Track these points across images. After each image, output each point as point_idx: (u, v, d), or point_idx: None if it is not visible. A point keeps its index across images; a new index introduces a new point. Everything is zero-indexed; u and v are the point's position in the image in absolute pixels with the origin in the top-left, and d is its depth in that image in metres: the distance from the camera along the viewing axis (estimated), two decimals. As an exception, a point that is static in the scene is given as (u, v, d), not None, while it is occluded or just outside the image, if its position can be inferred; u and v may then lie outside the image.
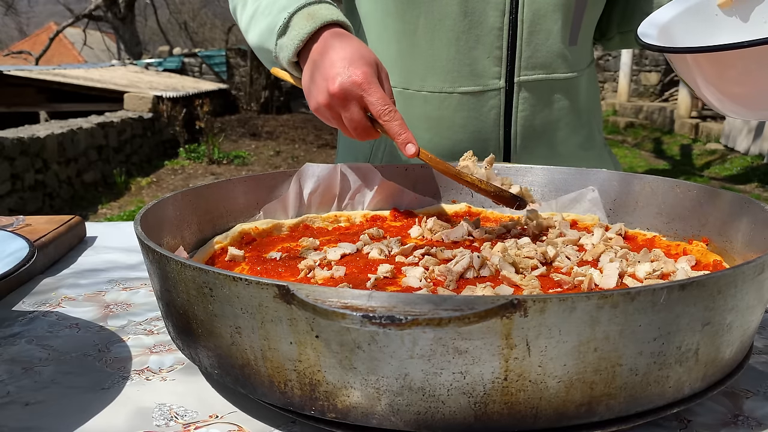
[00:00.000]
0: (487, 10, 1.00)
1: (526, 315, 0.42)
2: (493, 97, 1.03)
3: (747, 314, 0.51)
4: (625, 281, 0.64)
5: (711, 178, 6.84)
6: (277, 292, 0.46)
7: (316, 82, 0.84)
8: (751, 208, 0.68)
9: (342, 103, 0.81)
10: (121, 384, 0.60)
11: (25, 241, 0.68)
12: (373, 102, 0.80)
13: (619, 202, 0.86)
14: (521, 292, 0.62)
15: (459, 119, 1.05)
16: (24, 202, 5.57)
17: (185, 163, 8.08)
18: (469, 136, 1.05)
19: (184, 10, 24.93)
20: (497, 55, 1.01)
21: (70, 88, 9.25)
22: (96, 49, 23.03)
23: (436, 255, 0.73)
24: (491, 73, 1.02)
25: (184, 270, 0.52)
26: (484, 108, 1.04)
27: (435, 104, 1.05)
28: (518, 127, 1.05)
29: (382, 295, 0.43)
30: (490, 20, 1.00)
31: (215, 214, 0.83)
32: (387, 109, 0.79)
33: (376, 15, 1.06)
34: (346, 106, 0.81)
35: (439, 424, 0.46)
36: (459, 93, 1.03)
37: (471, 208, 0.93)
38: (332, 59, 0.82)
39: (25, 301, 0.81)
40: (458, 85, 1.03)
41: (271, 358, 0.49)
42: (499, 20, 1.00)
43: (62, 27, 16.35)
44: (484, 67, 1.02)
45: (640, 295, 0.44)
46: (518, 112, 1.04)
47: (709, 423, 0.53)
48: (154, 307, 0.79)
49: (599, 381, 0.46)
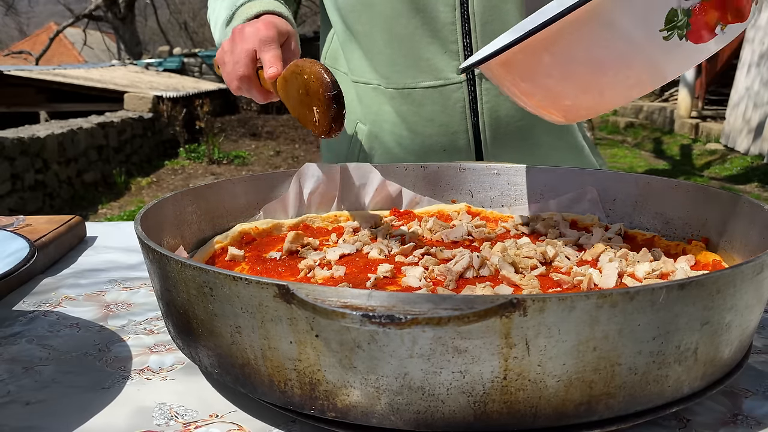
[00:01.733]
0: (437, 6, 1.00)
1: (526, 314, 0.43)
2: (456, 90, 1.04)
3: (746, 314, 0.51)
4: (625, 281, 0.65)
5: (711, 178, 6.84)
6: (277, 291, 0.46)
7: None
8: (751, 208, 0.68)
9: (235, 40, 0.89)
10: (122, 383, 0.60)
11: (26, 241, 0.68)
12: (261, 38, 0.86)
13: (619, 202, 0.86)
14: (521, 291, 0.62)
15: (426, 113, 1.07)
16: (24, 202, 5.57)
17: (185, 163, 8.08)
18: (438, 129, 1.07)
19: (184, 10, 24.93)
20: (454, 50, 1.02)
21: (70, 88, 9.25)
22: (96, 49, 23.03)
23: (436, 255, 0.73)
24: (450, 67, 1.03)
25: (184, 270, 0.52)
26: (449, 101, 1.05)
27: (400, 100, 1.07)
28: (485, 118, 1.06)
29: (382, 294, 0.43)
30: (441, 16, 1.01)
31: (215, 214, 0.83)
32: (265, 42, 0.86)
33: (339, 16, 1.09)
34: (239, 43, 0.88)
35: (438, 423, 0.46)
36: (421, 88, 1.05)
37: (471, 208, 0.93)
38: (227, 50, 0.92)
39: (25, 301, 0.81)
40: (420, 80, 1.05)
41: (271, 357, 0.49)
42: (451, 15, 1.00)
43: (62, 27, 16.36)
44: (442, 62, 1.03)
45: (639, 295, 0.44)
46: (483, 103, 1.05)
47: (709, 422, 0.53)
48: (154, 307, 0.79)
49: (598, 380, 0.46)
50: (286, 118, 10.95)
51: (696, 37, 0.60)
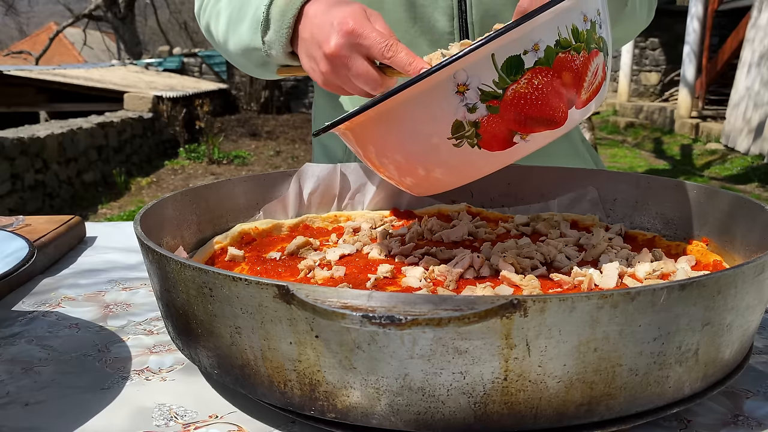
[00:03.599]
0: (435, 16, 0.99)
1: (526, 315, 0.42)
2: None
3: (747, 314, 0.51)
4: (625, 281, 0.64)
5: (711, 178, 6.84)
6: (277, 292, 0.46)
7: (312, 56, 0.77)
8: (751, 208, 0.68)
9: (343, 61, 0.72)
10: (121, 384, 0.60)
11: (25, 241, 0.68)
12: (369, 44, 0.70)
13: (620, 202, 0.86)
14: (521, 292, 0.62)
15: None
16: (24, 202, 5.57)
17: (185, 163, 8.08)
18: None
19: (184, 10, 24.92)
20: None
21: (70, 88, 9.25)
22: (96, 49, 23.04)
23: (436, 255, 0.73)
24: None
25: (184, 270, 0.52)
26: None
27: None
28: None
29: (382, 295, 0.43)
30: (439, 25, 0.99)
31: (215, 214, 0.83)
32: (387, 45, 0.69)
33: None
34: (348, 62, 0.72)
35: (438, 424, 0.46)
36: None
37: (471, 208, 0.93)
38: (318, 25, 0.76)
39: (24, 301, 0.81)
40: None
41: (271, 358, 0.49)
42: (449, 25, 0.99)
43: (62, 27, 16.36)
44: None
45: (640, 295, 0.44)
46: None
47: (709, 423, 0.53)
48: (153, 307, 0.79)
49: (599, 381, 0.46)
50: (286, 118, 10.95)
51: (490, 146, 0.58)
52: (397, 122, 0.59)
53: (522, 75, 0.56)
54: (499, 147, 0.59)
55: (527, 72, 0.56)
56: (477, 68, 0.55)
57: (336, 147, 1.17)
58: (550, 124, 0.59)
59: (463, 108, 0.57)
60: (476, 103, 0.56)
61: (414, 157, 0.62)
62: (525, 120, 0.57)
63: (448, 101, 0.56)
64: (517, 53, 0.56)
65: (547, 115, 0.58)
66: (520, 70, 0.56)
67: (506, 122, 0.57)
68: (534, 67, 0.56)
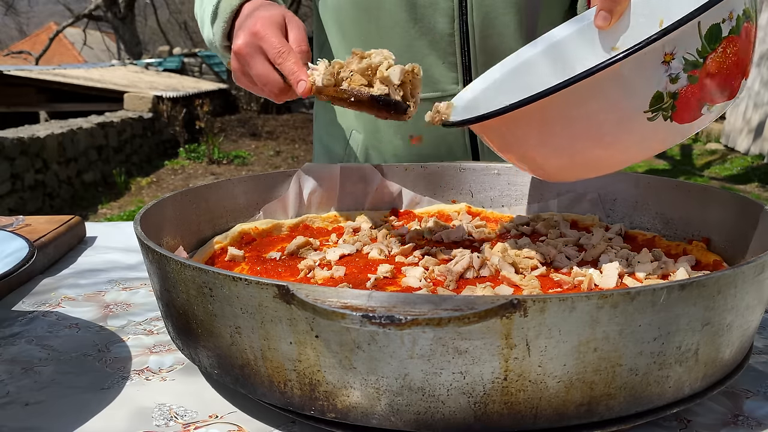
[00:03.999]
0: (435, 17, 0.99)
1: (526, 315, 0.42)
2: None
3: (747, 314, 0.51)
4: (625, 281, 0.64)
5: (711, 178, 6.84)
6: (277, 292, 0.46)
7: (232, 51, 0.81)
8: (751, 207, 0.68)
9: (246, 59, 0.77)
10: (121, 384, 0.60)
11: (25, 241, 0.68)
12: (266, 48, 0.75)
13: (620, 202, 0.86)
14: (521, 292, 0.62)
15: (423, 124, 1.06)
16: (24, 202, 5.57)
17: (185, 163, 8.08)
18: (435, 140, 1.07)
19: (184, 10, 24.93)
20: (452, 61, 1.02)
21: (70, 88, 9.25)
22: (96, 49, 23.03)
23: (436, 255, 0.73)
24: (448, 78, 1.03)
25: (184, 270, 0.52)
26: None
27: None
28: None
29: (382, 295, 0.43)
30: (440, 27, 1.00)
31: (215, 214, 0.83)
32: (279, 51, 0.74)
33: (336, 23, 1.07)
34: (250, 61, 0.77)
35: (438, 424, 0.46)
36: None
37: (471, 208, 0.93)
38: (240, 23, 0.81)
39: (25, 301, 0.81)
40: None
41: (271, 358, 0.49)
42: (449, 26, 0.99)
43: (62, 27, 16.35)
44: (440, 73, 1.02)
45: (640, 295, 0.44)
46: None
47: (709, 423, 0.53)
48: (153, 307, 0.79)
49: (599, 381, 0.46)
50: (286, 118, 10.95)
51: (681, 119, 0.59)
52: (577, 106, 0.58)
53: (719, 44, 0.57)
54: (689, 118, 0.59)
55: (723, 41, 0.57)
56: (684, 36, 0.56)
57: (336, 147, 1.17)
58: (731, 94, 0.60)
59: (666, 78, 0.57)
60: (679, 73, 0.57)
61: (595, 138, 0.60)
62: (717, 89, 0.59)
63: (655, 71, 0.57)
64: (717, 22, 0.57)
65: (730, 85, 0.59)
66: (718, 38, 0.57)
67: (701, 92, 0.58)
68: (728, 36, 0.57)
